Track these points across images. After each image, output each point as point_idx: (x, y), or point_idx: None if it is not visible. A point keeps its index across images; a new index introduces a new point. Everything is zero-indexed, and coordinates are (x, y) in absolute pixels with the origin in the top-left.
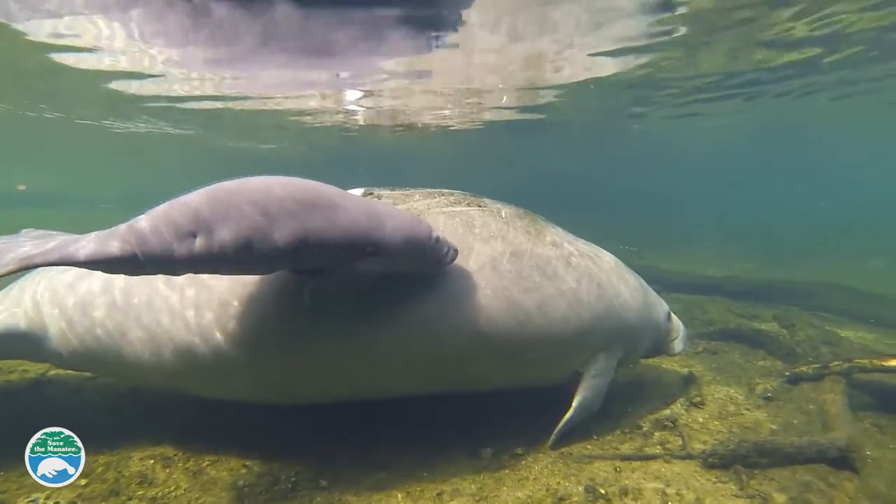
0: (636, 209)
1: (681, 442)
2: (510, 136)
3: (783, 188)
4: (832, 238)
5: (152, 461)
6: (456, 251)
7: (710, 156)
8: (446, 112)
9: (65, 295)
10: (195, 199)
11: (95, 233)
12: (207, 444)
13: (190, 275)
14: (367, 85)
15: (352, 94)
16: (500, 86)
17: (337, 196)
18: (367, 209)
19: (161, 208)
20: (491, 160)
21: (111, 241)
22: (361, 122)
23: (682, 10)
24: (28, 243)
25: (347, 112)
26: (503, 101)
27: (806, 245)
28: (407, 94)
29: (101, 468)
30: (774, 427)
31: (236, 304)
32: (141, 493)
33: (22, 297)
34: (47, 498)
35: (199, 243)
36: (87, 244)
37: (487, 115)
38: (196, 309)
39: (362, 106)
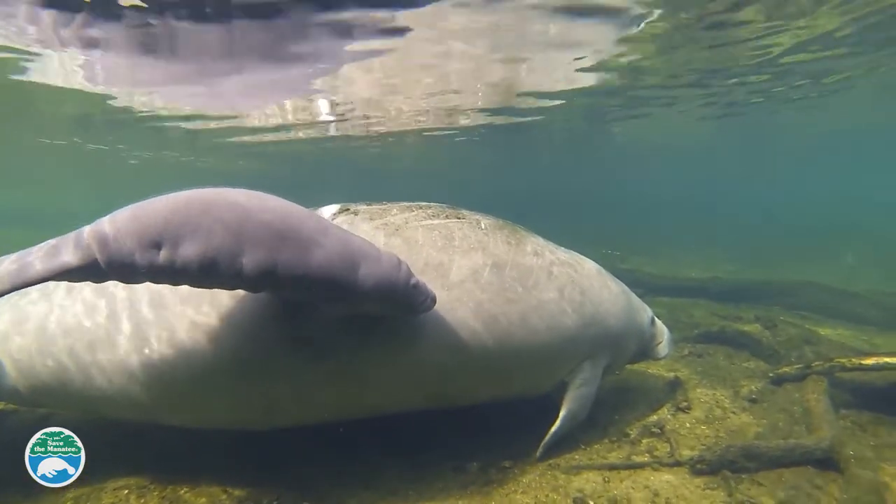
0: (617, 214)
1: (669, 448)
2: (487, 143)
3: (762, 190)
4: (809, 237)
5: (126, 491)
6: (434, 300)
7: (689, 159)
8: (421, 118)
9: (23, 327)
10: (164, 207)
11: (48, 243)
12: (184, 469)
13: (160, 297)
14: (338, 83)
15: (324, 105)
16: (478, 87)
17: (315, 231)
18: (344, 250)
19: (126, 213)
20: (468, 169)
21: (67, 249)
22: (334, 133)
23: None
24: None
25: (321, 124)
26: (478, 102)
27: (784, 245)
28: (378, 101)
29: (69, 503)
30: (760, 430)
31: (214, 324)
32: None
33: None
34: None
35: (162, 256)
36: (41, 257)
37: (464, 120)
38: (169, 331)
39: (334, 114)
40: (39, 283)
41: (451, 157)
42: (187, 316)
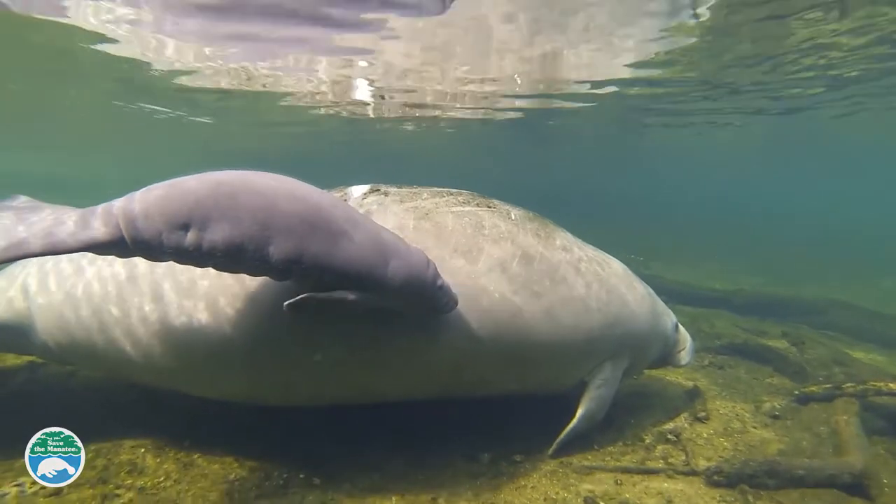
0: (640, 218)
1: (684, 457)
2: (517, 137)
3: (793, 201)
4: (841, 254)
5: (143, 450)
6: (456, 302)
7: (718, 166)
8: (459, 102)
9: (55, 286)
10: (195, 189)
11: (80, 213)
12: (199, 435)
13: (186, 267)
14: (378, 60)
15: (362, 81)
16: (517, 76)
17: (345, 221)
18: (374, 242)
19: (157, 191)
20: (495, 162)
21: (96, 223)
22: (371, 115)
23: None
24: (7, 229)
25: (357, 102)
26: (517, 89)
27: (814, 261)
28: (417, 78)
29: (90, 454)
30: (782, 447)
31: (235, 302)
32: (129, 481)
33: (9, 286)
34: (33, 483)
35: (189, 238)
36: (71, 230)
37: (503, 104)
38: (193, 305)
39: (372, 87)
40: (66, 253)
41: (476, 149)
42: (210, 288)
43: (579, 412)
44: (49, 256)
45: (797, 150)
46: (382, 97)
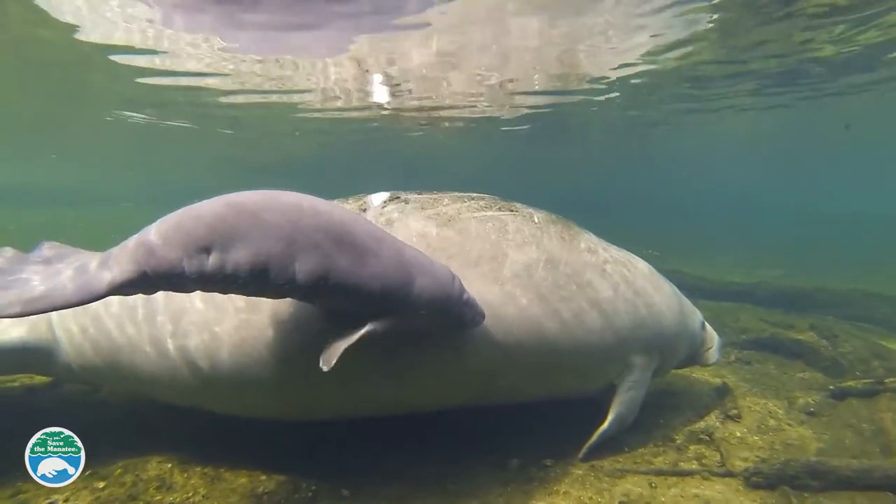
0: (653, 213)
1: (719, 457)
2: (529, 135)
3: (807, 192)
4: (860, 246)
5: (170, 465)
6: (483, 316)
7: (730, 158)
8: (478, 98)
9: (78, 308)
10: (212, 210)
11: (101, 257)
12: (224, 448)
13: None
14: (395, 55)
15: (378, 78)
16: (536, 70)
17: (369, 238)
18: (399, 259)
19: (173, 219)
20: (507, 163)
21: (115, 266)
22: (387, 112)
23: None
24: (37, 277)
25: (373, 104)
26: (535, 86)
27: (832, 252)
28: (433, 76)
29: (118, 471)
30: (822, 446)
31: (260, 318)
32: (159, 498)
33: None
34: (65, 501)
35: (211, 262)
36: (95, 275)
37: (519, 101)
38: (217, 320)
39: (389, 85)
40: (93, 301)
41: (490, 150)
42: (234, 305)
43: (610, 416)
44: None
45: (810, 142)
46: (399, 95)
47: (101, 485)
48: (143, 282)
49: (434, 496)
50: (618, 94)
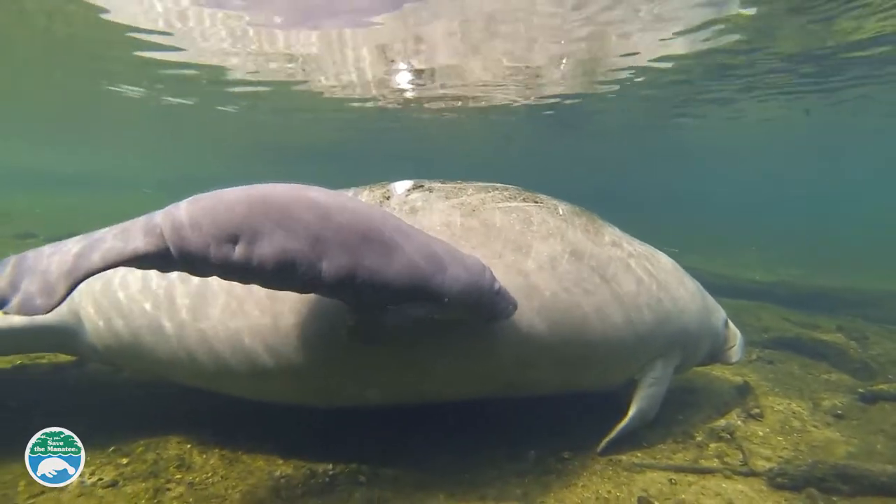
0: (672, 208)
1: (741, 456)
2: (550, 127)
3: (831, 190)
4: (884, 246)
5: (189, 445)
6: (515, 306)
7: (750, 154)
8: (501, 87)
9: (102, 290)
10: (244, 199)
11: (119, 228)
12: (242, 431)
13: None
14: (422, 45)
15: (402, 67)
16: (563, 59)
17: (397, 232)
18: (428, 251)
19: (205, 201)
20: (526, 154)
21: (137, 235)
22: (409, 96)
23: None
24: (46, 259)
25: (396, 89)
26: (560, 73)
27: (855, 252)
28: (462, 66)
29: (140, 449)
30: (852, 449)
31: (281, 306)
32: (179, 476)
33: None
34: (92, 474)
35: (238, 251)
36: (110, 245)
37: (545, 90)
38: (238, 308)
39: (412, 72)
40: (108, 269)
41: (510, 141)
42: (255, 291)
43: (631, 411)
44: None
45: (838, 135)
46: (423, 82)
47: (125, 461)
48: (163, 258)
49: (451, 484)
50: (643, 79)
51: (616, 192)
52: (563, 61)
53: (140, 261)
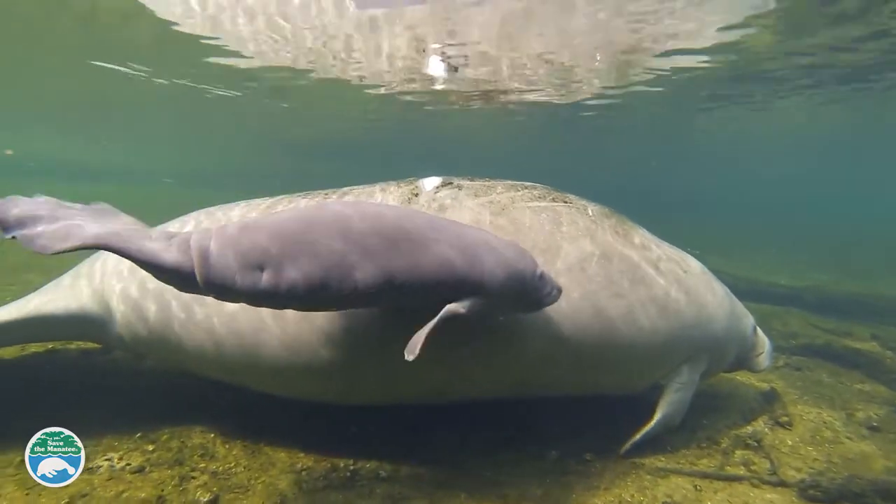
0: (688, 208)
1: (769, 465)
2: (572, 125)
3: (862, 193)
4: None
5: (212, 435)
6: (560, 290)
7: (775, 154)
8: (536, 83)
9: (131, 280)
10: (265, 228)
11: (162, 232)
12: (264, 423)
13: None
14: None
15: (436, 56)
16: (598, 57)
17: (427, 229)
18: (462, 243)
19: (231, 230)
20: (546, 151)
21: (173, 251)
22: (439, 87)
23: None
24: (79, 217)
25: (425, 78)
26: (595, 70)
27: (890, 256)
28: (493, 56)
29: (165, 436)
30: (891, 465)
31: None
32: (203, 465)
33: (86, 280)
34: (120, 459)
35: (265, 278)
36: (150, 246)
37: (584, 86)
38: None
39: (444, 59)
40: (137, 262)
41: (532, 138)
42: None
43: (657, 416)
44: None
45: (868, 137)
46: (455, 69)
47: (151, 447)
48: (185, 279)
49: (472, 482)
50: (674, 77)
51: (632, 190)
52: (597, 60)
53: (160, 270)
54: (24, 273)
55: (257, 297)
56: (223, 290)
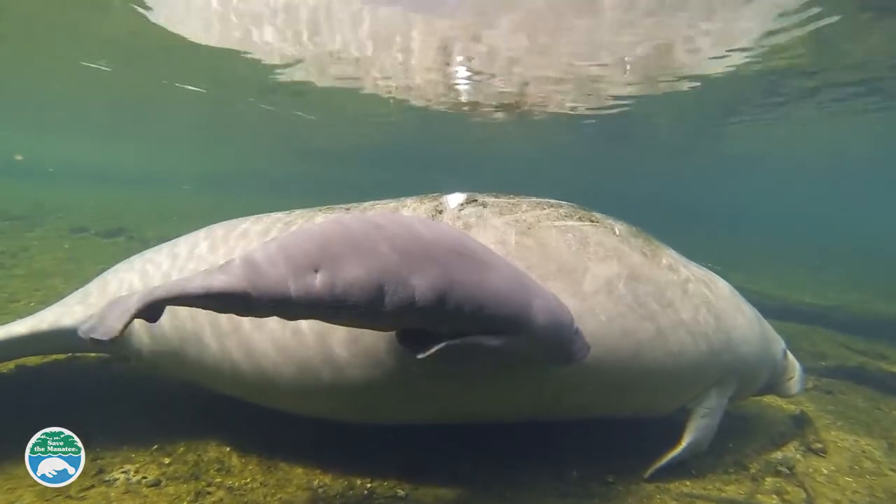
0: (714, 223)
1: (805, 495)
2: (598, 137)
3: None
4: None
5: (228, 449)
6: (589, 349)
7: (801, 169)
8: (561, 90)
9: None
10: (319, 229)
11: (205, 270)
12: (279, 438)
13: None
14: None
15: (461, 66)
16: (627, 60)
17: (484, 252)
18: (517, 276)
19: (279, 239)
20: (568, 165)
21: (218, 274)
22: (464, 99)
23: None
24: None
25: (450, 87)
26: (624, 79)
27: None
28: (519, 63)
29: (181, 449)
30: None
31: (325, 325)
32: (219, 480)
33: (107, 291)
34: (136, 472)
35: (320, 280)
36: (195, 279)
37: (612, 92)
38: (283, 322)
39: (469, 69)
40: (191, 302)
41: (554, 150)
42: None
43: (685, 441)
44: (146, 265)
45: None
46: (479, 80)
47: (167, 460)
48: (240, 298)
49: (492, 502)
50: (699, 86)
51: (650, 202)
52: (627, 69)
53: (215, 298)
54: (49, 279)
55: (313, 303)
56: (278, 299)
